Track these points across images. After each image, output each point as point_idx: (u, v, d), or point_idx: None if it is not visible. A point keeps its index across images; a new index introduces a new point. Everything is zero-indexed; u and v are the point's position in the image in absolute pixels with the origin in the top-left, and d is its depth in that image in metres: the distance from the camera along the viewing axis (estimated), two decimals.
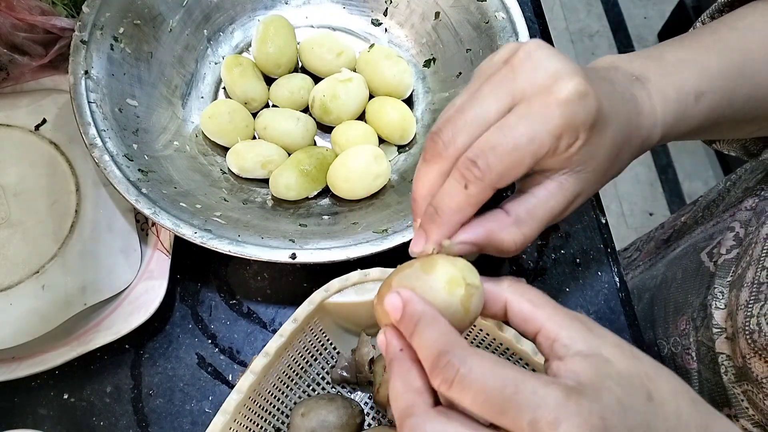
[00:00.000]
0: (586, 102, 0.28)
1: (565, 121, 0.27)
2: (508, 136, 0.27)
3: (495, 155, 0.27)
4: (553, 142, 0.28)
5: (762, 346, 0.41)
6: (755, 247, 0.45)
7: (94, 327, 0.48)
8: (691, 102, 0.35)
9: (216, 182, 0.54)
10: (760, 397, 0.42)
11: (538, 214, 0.29)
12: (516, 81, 0.28)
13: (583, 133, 0.28)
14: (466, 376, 0.23)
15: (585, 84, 0.28)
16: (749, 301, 0.43)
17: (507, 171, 0.28)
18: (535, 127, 0.27)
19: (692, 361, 0.51)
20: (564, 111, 0.27)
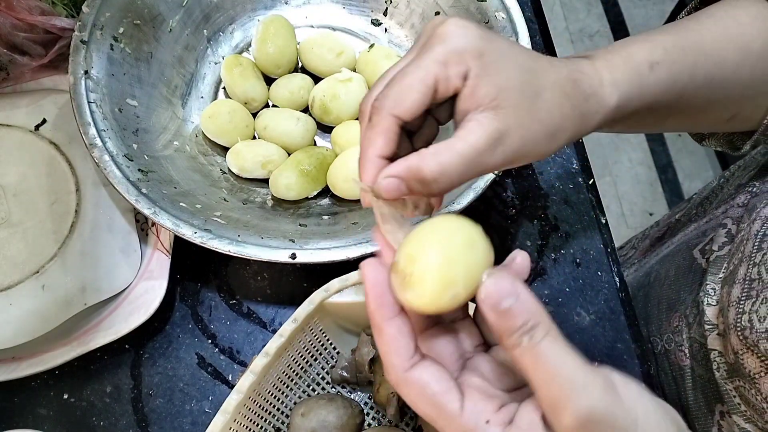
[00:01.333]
0: (466, 32, 0.31)
1: (446, 48, 0.30)
2: (399, 68, 0.31)
3: (390, 87, 0.31)
4: (439, 68, 0.30)
5: (754, 343, 0.41)
6: (747, 243, 0.45)
7: (94, 327, 0.48)
8: (645, 70, 0.37)
9: (216, 182, 0.54)
10: (752, 392, 0.42)
11: (456, 146, 0.31)
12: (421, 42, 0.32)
13: (472, 60, 0.31)
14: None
15: (462, 22, 0.31)
16: (741, 297, 0.43)
17: (400, 96, 0.30)
18: (422, 57, 0.31)
19: (685, 358, 0.51)
20: (445, 40, 0.31)
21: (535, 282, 0.54)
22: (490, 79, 0.31)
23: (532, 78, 0.32)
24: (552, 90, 0.33)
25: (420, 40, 0.33)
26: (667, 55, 0.37)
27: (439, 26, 0.32)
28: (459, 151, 0.30)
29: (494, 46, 0.32)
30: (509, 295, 0.24)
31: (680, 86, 0.39)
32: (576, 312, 0.53)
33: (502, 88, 0.31)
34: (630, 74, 0.36)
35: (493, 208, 0.56)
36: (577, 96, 0.34)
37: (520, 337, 0.24)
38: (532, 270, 0.54)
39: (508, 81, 0.31)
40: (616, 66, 0.36)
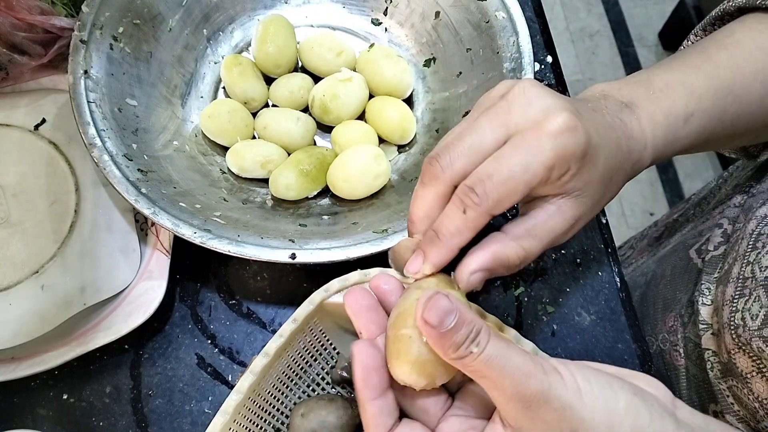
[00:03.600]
0: (576, 135, 0.30)
1: (556, 153, 0.29)
2: (503, 166, 0.29)
3: (491, 183, 0.29)
4: (545, 172, 0.30)
5: (746, 341, 0.41)
6: (741, 242, 0.45)
7: (94, 327, 0.48)
8: (681, 124, 0.37)
9: (215, 182, 0.54)
10: (745, 392, 0.42)
11: (537, 233, 0.31)
12: (510, 114, 0.31)
13: (574, 164, 0.30)
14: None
15: (574, 118, 0.30)
16: (734, 296, 0.43)
17: (502, 198, 0.29)
18: (528, 158, 0.29)
19: (680, 358, 0.51)
20: (555, 144, 0.29)
21: (536, 282, 0.54)
22: (582, 174, 0.31)
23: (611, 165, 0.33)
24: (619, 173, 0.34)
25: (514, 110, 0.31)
26: (701, 104, 0.38)
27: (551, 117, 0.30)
28: (541, 239, 0.31)
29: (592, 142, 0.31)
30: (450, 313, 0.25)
31: (708, 133, 0.39)
32: (576, 312, 0.53)
33: (590, 182, 0.32)
34: (666, 131, 0.37)
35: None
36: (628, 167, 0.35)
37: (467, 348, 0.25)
38: (532, 270, 0.54)
39: (596, 175, 0.32)
40: (658, 123, 0.36)
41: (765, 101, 0.40)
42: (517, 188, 0.29)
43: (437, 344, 0.26)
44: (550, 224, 0.31)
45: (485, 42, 0.55)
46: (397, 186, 0.55)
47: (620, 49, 1.84)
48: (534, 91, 0.31)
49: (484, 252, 0.31)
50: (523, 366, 0.25)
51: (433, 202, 0.31)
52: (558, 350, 0.51)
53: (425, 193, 0.31)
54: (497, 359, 0.25)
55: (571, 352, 0.51)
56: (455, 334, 0.25)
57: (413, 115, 0.57)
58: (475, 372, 0.26)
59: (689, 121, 0.37)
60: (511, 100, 0.31)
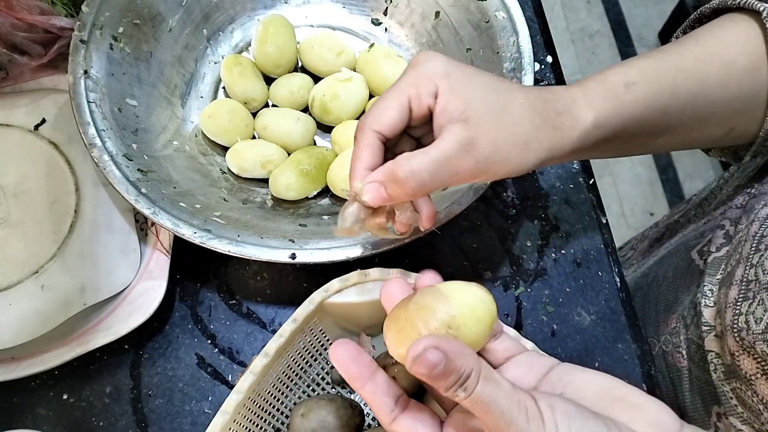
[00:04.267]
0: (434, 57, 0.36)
1: (416, 72, 0.36)
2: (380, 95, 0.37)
3: (371, 108, 0.36)
4: (411, 88, 0.36)
5: (750, 344, 0.41)
6: (744, 244, 0.45)
7: (94, 327, 0.48)
8: (621, 90, 0.39)
9: (215, 182, 0.54)
10: (749, 394, 0.42)
11: (429, 151, 0.34)
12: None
13: (440, 80, 0.35)
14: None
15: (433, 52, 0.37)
16: (738, 299, 0.43)
17: (378, 114, 0.36)
18: (396, 83, 0.37)
19: (682, 360, 0.51)
20: (415, 67, 0.36)
21: (536, 282, 0.54)
22: (458, 95, 0.35)
23: (499, 94, 0.36)
24: (520, 105, 0.36)
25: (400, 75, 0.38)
26: (644, 75, 0.39)
27: (413, 59, 0.37)
28: (430, 155, 0.34)
29: (460, 69, 0.36)
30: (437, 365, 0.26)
31: (662, 104, 0.40)
32: (576, 312, 0.52)
33: (469, 102, 0.35)
34: (605, 93, 0.38)
35: (493, 208, 0.56)
36: (548, 110, 0.37)
37: (455, 392, 0.26)
38: (532, 270, 0.54)
39: (474, 96, 0.35)
40: (590, 88, 0.39)
41: (727, 85, 0.41)
42: (388, 103, 0.36)
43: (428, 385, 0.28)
44: (442, 144, 0.34)
45: (485, 42, 0.55)
46: None
47: (620, 49, 1.84)
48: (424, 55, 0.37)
49: (380, 167, 0.35)
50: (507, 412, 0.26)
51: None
52: (558, 350, 0.51)
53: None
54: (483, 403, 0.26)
55: (571, 352, 0.51)
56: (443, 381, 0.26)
57: None
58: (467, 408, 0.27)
59: (631, 88, 0.39)
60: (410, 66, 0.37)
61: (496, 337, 0.33)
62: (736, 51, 0.41)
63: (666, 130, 0.42)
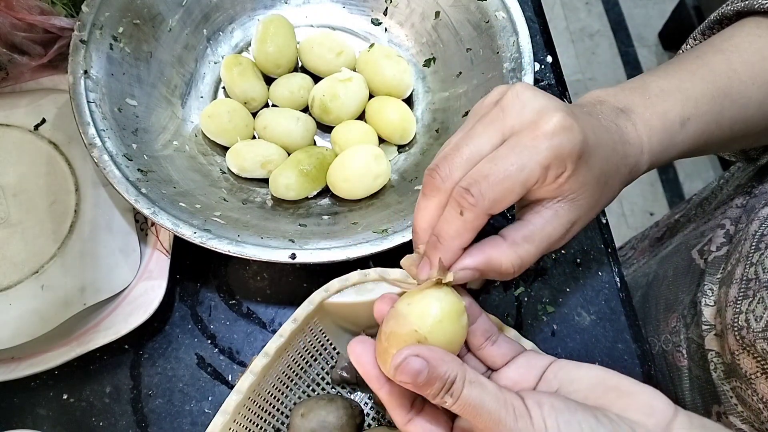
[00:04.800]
0: (571, 134, 0.30)
1: (552, 152, 0.29)
2: (499, 166, 0.30)
3: (487, 183, 0.29)
4: (541, 172, 0.30)
5: (750, 342, 0.41)
6: (744, 243, 0.45)
7: (94, 327, 0.48)
8: (677, 129, 0.37)
9: (215, 182, 0.54)
10: (749, 393, 0.42)
11: (534, 239, 0.31)
12: (506, 119, 0.31)
13: (570, 163, 0.30)
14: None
15: (569, 118, 0.30)
16: (738, 297, 0.43)
17: (499, 198, 0.30)
18: (523, 158, 0.29)
19: (682, 359, 0.51)
20: (551, 143, 0.29)
21: (536, 282, 0.54)
22: (577, 176, 0.31)
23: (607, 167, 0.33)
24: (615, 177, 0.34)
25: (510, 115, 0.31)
26: (698, 109, 0.38)
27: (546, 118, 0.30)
28: (537, 244, 0.31)
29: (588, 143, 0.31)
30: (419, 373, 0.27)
31: (706, 137, 0.39)
32: (576, 312, 0.52)
33: (585, 184, 0.32)
34: (662, 136, 0.37)
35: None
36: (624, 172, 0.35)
37: (442, 398, 0.27)
38: (532, 270, 0.54)
39: (591, 177, 0.32)
40: (654, 128, 0.36)
41: (763, 105, 0.41)
42: (514, 188, 0.29)
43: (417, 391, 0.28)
44: (548, 229, 0.31)
45: (485, 42, 0.55)
46: (397, 186, 0.55)
47: (620, 49, 1.84)
48: (528, 94, 0.31)
49: (480, 253, 0.31)
50: (495, 413, 0.27)
51: (435, 211, 0.32)
52: (558, 350, 0.51)
53: (427, 204, 0.32)
54: (470, 407, 0.27)
55: (571, 352, 0.51)
56: (429, 388, 0.27)
57: (413, 115, 0.57)
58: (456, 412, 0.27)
59: (686, 125, 0.37)
60: (505, 105, 0.31)
61: (494, 341, 0.33)
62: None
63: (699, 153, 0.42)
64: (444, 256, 0.31)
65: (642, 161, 0.36)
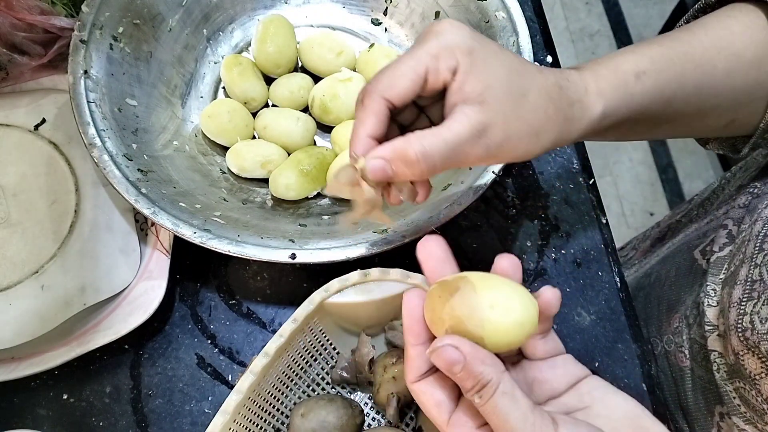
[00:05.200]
0: (458, 31, 0.33)
1: (439, 42, 0.33)
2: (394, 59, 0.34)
3: (382, 72, 0.34)
4: (430, 59, 0.33)
5: (755, 344, 0.41)
6: (748, 244, 0.45)
7: (94, 327, 0.48)
8: (632, 80, 0.38)
9: (215, 182, 0.54)
10: (752, 394, 0.42)
11: (441, 134, 0.33)
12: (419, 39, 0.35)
13: (462, 56, 0.33)
14: None
15: (457, 23, 0.34)
16: (742, 298, 0.43)
17: (391, 80, 0.33)
18: (415, 49, 0.34)
19: (685, 359, 0.51)
20: (438, 36, 0.33)
21: (536, 282, 0.54)
22: (478, 75, 0.33)
23: (519, 79, 0.34)
24: (538, 92, 0.35)
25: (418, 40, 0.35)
26: (654, 65, 0.39)
27: (435, 24, 0.34)
28: (443, 137, 0.33)
29: (484, 46, 0.34)
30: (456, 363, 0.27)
31: (668, 95, 0.40)
32: (576, 312, 0.52)
33: (489, 85, 0.33)
34: (616, 84, 0.38)
35: (493, 208, 0.56)
36: (562, 100, 0.36)
37: (472, 396, 0.27)
38: (532, 270, 0.54)
39: (495, 79, 0.33)
40: (602, 76, 0.38)
41: (732, 77, 0.41)
42: (405, 72, 0.33)
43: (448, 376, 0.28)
44: (455, 127, 0.33)
45: None
46: None
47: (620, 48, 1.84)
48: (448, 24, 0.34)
49: (388, 143, 0.33)
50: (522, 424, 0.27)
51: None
52: None
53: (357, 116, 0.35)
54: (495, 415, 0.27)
55: (570, 352, 0.51)
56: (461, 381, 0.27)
57: None
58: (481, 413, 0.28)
59: (641, 78, 0.38)
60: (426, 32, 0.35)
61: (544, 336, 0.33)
62: (744, 42, 0.41)
63: (669, 120, 0.42)
64: (356, 147, 0.34)
65: (589, 100, 0.37)
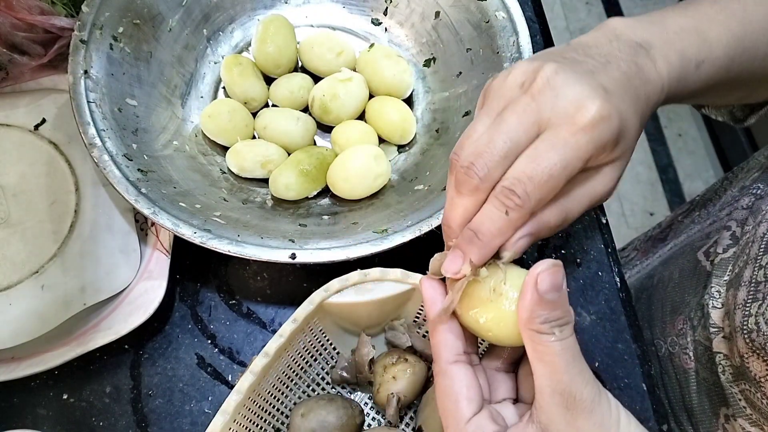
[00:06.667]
0: (610, 123, 0.29)
1: (593, 145, 0.29)
2: (542, 166, 0.29)
3: (532, 184, 0.29)
4: (583, 164, 0.30)
5: (760, 346, 0.40)
6: (752, 245, 0.44)
7: (94, 327, 0.48)
8: (692, 69, 0.37)
9: (215, 182, 0.54)
10: (758, 396, 0.42)
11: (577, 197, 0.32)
12: (540, 110, 0.30)
13: (611, 147, 0.31)
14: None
15: (606, 105, 0.29)
16: (747, 300, 0.43)
17: (544, 196, 0.29)
18: (566, 155, 0.29)
19: (690, 361, 0.51)
20: (591, 137, 0.29)
21: None
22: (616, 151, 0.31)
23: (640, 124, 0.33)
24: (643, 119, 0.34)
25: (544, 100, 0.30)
26: (712, 53, 0.38)
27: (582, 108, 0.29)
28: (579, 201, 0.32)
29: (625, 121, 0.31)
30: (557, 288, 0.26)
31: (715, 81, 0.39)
32: (576, 312, 0.52)
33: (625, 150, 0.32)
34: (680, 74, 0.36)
35: None
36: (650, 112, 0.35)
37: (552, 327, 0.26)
38: None
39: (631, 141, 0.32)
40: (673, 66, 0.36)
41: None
42: (558, 185, 0.29)
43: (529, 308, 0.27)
44: (592, 188, 0.32)
45: (485, 42, 0.55)
46: (397, 186, 0.55)
47: None
48: (559, 80, 0.30)
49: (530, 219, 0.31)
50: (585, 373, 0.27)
51: (472, 210, 0.31)
52: None
53: (463, 203, 0.31)
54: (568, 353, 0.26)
55: None
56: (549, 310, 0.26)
57: (413, 115, 0.57)
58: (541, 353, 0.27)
59: (700, 68, 0.37)
60: (535, 94, 0.30)
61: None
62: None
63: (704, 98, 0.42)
64: (481, 252, 0.30)
65: (660, 99, 0.36)
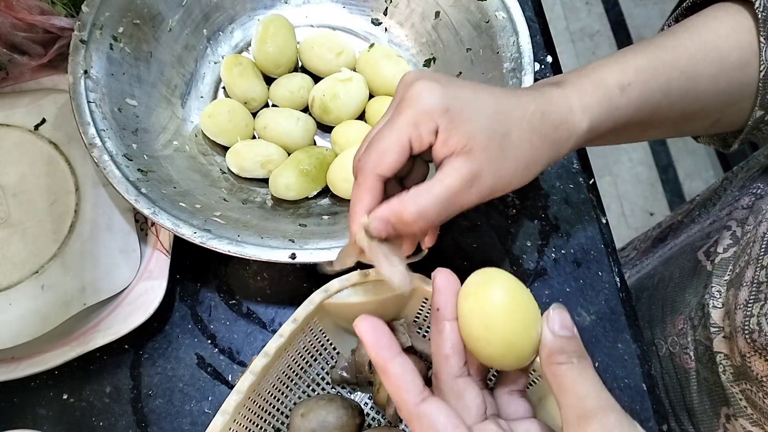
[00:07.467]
0: (430, 93, 0.34)
1: (415, 110, 0.34)
2: (375, 131, 0.36)
3: (369, 149, 0.35)
4: (411, 129, 0.34)
5: (762, 346, 0.40)
6: (753, 245, 0.44)
7: (94, 327, 0.48)
8: (617, 93, 0.38)
9: (215, 182, 0.54)
10: (760, 396, 0.42)
11: (433, 189, 0.34)
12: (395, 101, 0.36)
13: (439, 117, 0.34)
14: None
15: (427, 82, 0.34)
16: (748, 300, 0.42)
17: (379, 156, 0.34)
18: (395, 121, 0.34)
19: (690, 361, 0.51)
20: (413, 103, 0.34)
21: (536, 282, 0.54)
22: (458, 129, 0.34)
23: (499, 119, 0.35)
24: (520, 127, 0.35)
25: (394, 101, 0.36)
26: (639, 76, 0.39)
27: (409, 89, 0.35)
28: (436, 194, 0.34)
29: (458, 99, 0.34)
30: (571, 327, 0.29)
31: (653, 104, 0.40)
32: (576, 312, 0.52)
33: (471, 135, 0.34)
34: (600, 98, 0.38)
35: (493, 208, 0.56)
36: (546, 127, 0.36)
37: (570, 357, 0.28)
38: (532, 270, 0.54)
39: (475, 127, 0.34)
40: (586, 91, 0.38)
41: (717, 81, 0.41)
42: (390, 146, 0.34)
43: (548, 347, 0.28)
44: (446, 181, 0.34)
45: (485, 42, 0.55)
46: None
47: (620, 48, 1.84)
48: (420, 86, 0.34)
49: (385, 204, 0.34)
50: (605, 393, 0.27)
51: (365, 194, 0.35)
52: None
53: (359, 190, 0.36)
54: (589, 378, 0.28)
55: None
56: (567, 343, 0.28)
57: None
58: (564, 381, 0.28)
59: (626, 90, 0.38)
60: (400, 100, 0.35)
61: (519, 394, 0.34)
62: (729, 45, 0.40)
63: (655, 125, 0.42)
64: (355, 220, 0.35)
65: (574, 119, 0.37)
